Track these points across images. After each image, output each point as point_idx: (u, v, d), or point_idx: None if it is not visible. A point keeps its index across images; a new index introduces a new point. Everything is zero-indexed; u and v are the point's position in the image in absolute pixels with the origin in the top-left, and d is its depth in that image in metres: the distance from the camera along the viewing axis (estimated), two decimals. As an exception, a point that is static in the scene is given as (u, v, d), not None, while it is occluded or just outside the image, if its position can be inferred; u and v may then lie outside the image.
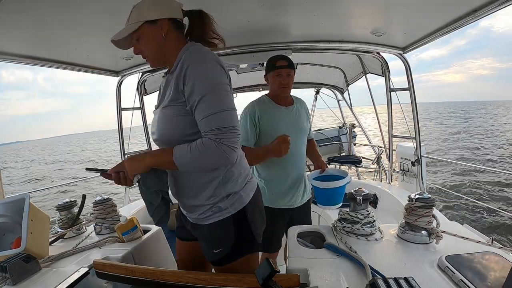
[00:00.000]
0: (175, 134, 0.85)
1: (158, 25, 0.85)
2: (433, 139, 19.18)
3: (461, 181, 8.67)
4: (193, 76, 0.79)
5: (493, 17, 58.32)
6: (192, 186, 0.91)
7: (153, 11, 0.84)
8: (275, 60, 1.46)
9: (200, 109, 0.78)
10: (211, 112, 0.77)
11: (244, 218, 0.91)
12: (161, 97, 0.92)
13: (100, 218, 1.25)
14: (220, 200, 0.89)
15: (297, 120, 1.52)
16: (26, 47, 1.40)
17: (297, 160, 1.50)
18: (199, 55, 0.84)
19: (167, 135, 0.87)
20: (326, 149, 4.69)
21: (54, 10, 1.06)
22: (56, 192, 10.28)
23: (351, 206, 1.05)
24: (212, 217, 0.90)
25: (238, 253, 0.92)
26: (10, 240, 1.06)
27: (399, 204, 1.82)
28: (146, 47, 0.88)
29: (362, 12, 1.40)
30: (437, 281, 0.73)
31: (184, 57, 0.83)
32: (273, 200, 1.51)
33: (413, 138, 2.05)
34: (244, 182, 0.94)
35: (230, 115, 0.80)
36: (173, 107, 0.85)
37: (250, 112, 1.44)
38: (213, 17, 0.92)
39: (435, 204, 0.97)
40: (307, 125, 1.58)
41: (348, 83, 3.26)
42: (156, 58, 0.91)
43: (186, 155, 0.80)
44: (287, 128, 1.46)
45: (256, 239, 0.95)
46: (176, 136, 0.85)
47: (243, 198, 0.92)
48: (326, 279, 0.75)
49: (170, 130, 0.86)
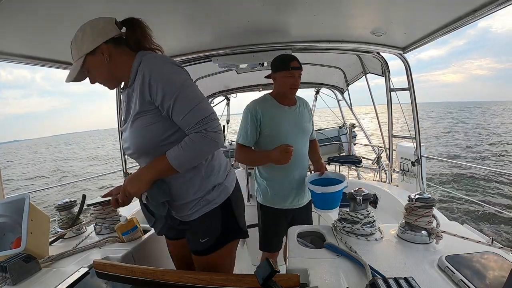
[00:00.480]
0: (150, 143, 0.88)
1: (98, 52, 0.86)
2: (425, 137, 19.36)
3: (461, 181, 8.67)
4: (160, 82, 0.82)
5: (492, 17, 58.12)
6: (177, 187, 0.94)
7: (88, 43, 0.85)
8: (288, 60, 1.42)
9: (177, 110, 0.82)
10: (188, 109, 0.82)
11: (229, 207, 0.99)
12: (126, 113, 0.94)
13: (100, 218, 1.25)
14: (207, 193, 0.95)
15: (300, 120, 1.50)
16: (26, 47, 1.40)
17: (299, 161, 1.48)
18: (155, 62, 0.85)
19: (143, 145, 0.89)
20: (326, 149, 4.70)
21: (54, 10, 1.06)
22: (56, 193, 10.29)
23: (351, 206, 1.05)
24: (200, 210, 0.95)
25: (223, 242, 0.99)
26: (10, 240, 1.06)
27: (399, 204, 1.81)
28: (97, 76, 0.90)
29: (362, 12, 1.40)
30: (437, 281, 0.73)
31: (142, 68, 0.84)
32: (276, 201, 1.51)
33: (413, 138, 2.04)
34: (225, 173, 1.01)
35: (204, 105, 0.85)
36: (142, 118, 0.86)
37: (251, 111, 1.43)
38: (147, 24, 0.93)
39: (435, 204, 0.98)
40: (310, 126, 1.57)
41: (348, 83, 3.26)
42: (110, 81, 0.93)
43: (181, 155, 0.84)
44: (289, 128, 1.45)
45: (240, 226, 1.03)
46: (151, 145, 0.88)
47: (227, 188, 0.99)
48: (326, 279, 0.75)
49: (144, 140, 0.88)
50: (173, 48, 1.74)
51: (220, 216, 0.97)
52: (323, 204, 1.41)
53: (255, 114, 1.42)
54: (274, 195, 1.50)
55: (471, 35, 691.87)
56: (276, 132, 1.42)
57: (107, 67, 0.88)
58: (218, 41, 1.70)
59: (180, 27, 1.43)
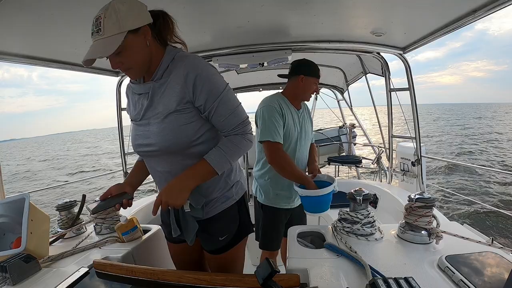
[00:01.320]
0: (182, 142, 0.86)
1: (141, 33, 0.79)
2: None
3: (461, 181, 8.67)
4: (206, 84, 0.83)
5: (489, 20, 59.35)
6: (205, 187, 0.95)
7: (135, 19, 0.77)
8: (318, 69, 1.50)
9: (219, 112, 0.85)
10: (230, 112, 0.86)
11: (244, 202, 1.05)
12: (146, 107, 0.88)
13: (100, 218, 1.25)
14: (228, 190, 0.99)
15: (304, 124, 1.54)
16: (26, 47, 1.40)
17: (301, 164, 1.52)
18: (200, 63, 0.84)
19: (174, 144, 0.85)
20: (326, 149, 4.69)
21: (54, 10, 1.06)
22: (57, 194, 10.29)
23: (351, 206, 1.05)
24: (220, 206, 0.98)
25: (239, 237, 1.03)
26: (10, 240, 1.06)
27: (399, 204, 1.81)
28: (131, 59, 0.80)
29: (362, 12, 1.40)
30: (437, 281, 0.73)
31: (185, 67, 0.82)
32: (277, 201, 1.52)
33: (413, 138, 2.04)
34: (240, 171, 1.07)
35: (242, 109, 0.90)
36: (177, 116, 0.84)
37: (276, 106, 1.41)
38: (175, 20, 0.91)
39: (435, 204, 0.98)
40: (311, 130, 1.61)
41: (348, 83, 3.26)
42: (141, 70, 0.85)
43: (224, 158, 0.87)
44: (298, 132, 1.48)
45: (251, 220, 1.09)
46: (182, 144, 0.86)
47: (243, 185, 1.06)
48: (326, 279, 0.75)
49: (177, 139, 0.85)
50: (173, 48, 1.74)
51: (237, 211, 1.01)
52: (311, 207, 1.39)
53: (280, 111, 1.41)
54: (275, 195, 1.51)
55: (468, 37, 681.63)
56: (287, 132, 1.42)
57: (145, 52, 0.82)
58: (218, 41, 1.70)
59: (180, 27, 1.42)
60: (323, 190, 1.30)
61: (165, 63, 0.84)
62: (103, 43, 0.75)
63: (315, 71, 1.48)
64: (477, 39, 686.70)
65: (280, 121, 1.39)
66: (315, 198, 1.33)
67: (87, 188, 10.13)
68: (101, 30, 0.74)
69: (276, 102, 1.42)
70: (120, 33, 0.75)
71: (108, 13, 0.73)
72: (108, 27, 0.74)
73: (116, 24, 0.74)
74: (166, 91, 0.84)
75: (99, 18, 0.74)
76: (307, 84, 1.46)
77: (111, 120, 2.32)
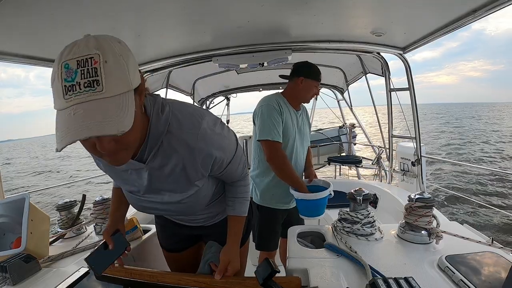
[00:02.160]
0: (203, 203, 0.85)
1: (138, 92, 0.55)
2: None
3: (461, 181, 8.67)
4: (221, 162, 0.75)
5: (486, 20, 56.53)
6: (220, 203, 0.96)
7: (135, 69, 0.53)
8: (320, 72, 1.50)
9: (229, 170, 0.82)
10: (236, 168, 0.84)
11: (250, 205, 1.01)
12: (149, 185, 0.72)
13: (100, 218, 1.25)
14: None
15: (302, 126, 1.53)
16: (26, 47, 1.40)
17: (297, 165, 1.51)
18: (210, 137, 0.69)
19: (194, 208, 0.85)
20: (326, 149, 4.69)
21: (54, 10, 1.06)
22: (56, 194, 10.29)
23: (351, 206, 1.05)
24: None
25: (245, 239, 1.05)
26: (10, 240, 1.06)
27: (399, 204, 1.81)
28: (130, 134, 0.51)
29: (362, 12, 1.40)
30: (437, 281, 0.73)
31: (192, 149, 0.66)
32: (273, 201, 1.52)
33: (413, 138, 2.04)
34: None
35: (241, 151, 0.85)
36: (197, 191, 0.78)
37: (275, 105, 1.40)
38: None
39: (435, 204, 0.98)
40: (309, 132, 1.60)
41: (348, 83, 3.26)
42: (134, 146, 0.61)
43: (245, 204, 0.92)
44: (296, 133, 1.47)
45: (252, 222, 1.13)
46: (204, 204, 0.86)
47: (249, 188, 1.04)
48: (326, 279, 0.75)
49: (198, 204, 0.83)
50: (173, 48, 1.74)
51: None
52: (306, 211, 1.40)
53: (278, 110, 1.40)
54: (272, 196, 1.51)
55: (464, 37, 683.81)
56: (285, 133, 1.42)
57: (141, 120, 0.60)
58: (218, 41, 1.70)
59: (180, 27, 1.43)
60: (319, 194, 1.31)
61: (155, 139, 0.64)
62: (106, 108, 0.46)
63: (316, 74, 1.49)
64: (474, 39, 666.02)
65: (279, 120, 1.39)
66: (310, 201, 1.33)
67: (87, 188, 10.14)
68: (99, 83, 0.46)
69: (275, 101, 1.42)
70: (129, 91, 0.50)
71: (106, 55, 0.47)
72: (111, 80, 0.47)
73: (124, 77, 0.49)
74: (172, 176, 0.71)
75: (89, 62, 0.45)
76: (306, 86, 1.46)
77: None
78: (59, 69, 0.46)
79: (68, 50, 0.47)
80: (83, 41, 0.48)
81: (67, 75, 0.45)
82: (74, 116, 0.45)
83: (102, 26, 1.26)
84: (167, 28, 1.40)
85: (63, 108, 0.46)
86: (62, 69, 0.46)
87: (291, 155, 1.48)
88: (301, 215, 1.42)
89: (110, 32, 0.89)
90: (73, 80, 0.45)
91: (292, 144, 1.47)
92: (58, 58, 0.47)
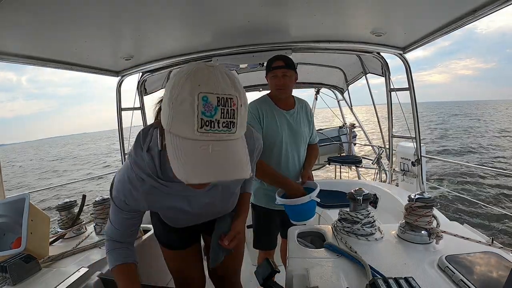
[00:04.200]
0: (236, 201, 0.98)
1: None
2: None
3: (461, 181, 8.67)
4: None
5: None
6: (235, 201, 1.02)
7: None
8: (272, 61, 1.41)
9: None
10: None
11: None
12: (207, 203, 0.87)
13: (100, 218, 1.25)
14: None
15: (296, 125, 1.46)
16: (26, 47, 1.40)
17: (291, 166, 1.46)
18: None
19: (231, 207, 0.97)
20: (326, 149, 4.69)
21: (54, 10, 1.06)
22: (55, 195, 10.28)
23: (351, 206, 1.05)
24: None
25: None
26: (10, 240, 1.06)
27: (399, 204, 1.81)
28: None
29: (362, 12, 1.40)
30: (437, 281, 0.73)
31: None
32: (267, 201, 1.51)
33: (413, 138, 2.05)
34: None
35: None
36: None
37: (253, 111, 1.39)
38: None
39: (435, 204, 0.97)
40: (307, 131, 1.51)
41: (348, 83, 3.26)
42: None
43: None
44: (284, 133, 1.41)
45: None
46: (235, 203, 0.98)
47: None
48: (326, 279, 0.75)
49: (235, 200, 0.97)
50: (173, 48, 1.74)
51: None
52: (295, 216, 1.34)
53: (257, 115, 1.39)
54: (265, 196, 1.50)
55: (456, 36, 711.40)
56: (271, 134, 1.39)
57: None
58: (218, 41, 1.70)
59: (180, 27, 1.43)
60: (301, 199, 1.26)
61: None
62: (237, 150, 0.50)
63: (267, 66, 1.43)
64: (465, 37, 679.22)
65: (257, 125, 1.38)
66: (297, 206, 1.28)
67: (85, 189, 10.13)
68: (234, 125, 0.48)
69: (254, 106, 1.41)
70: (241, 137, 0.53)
71: (242, 99, 0.50)
72: (241, 123, 0.50)
73: (245, 121, 0.52)
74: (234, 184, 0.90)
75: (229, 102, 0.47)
76: (269, 82, 1.44)
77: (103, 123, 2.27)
78: (196, 99, 0.45)
79: (204, 79, 0.47)
80: (219, 75, 0.48)
81: (205, 109, 0.46)
82: (213, 154, 0.47)
83: (103, 26, 1.26)
84: (167, 28, 1.40)
85: (196, 139, 0.47)
86: (200, 101, 0.45)
87: (279, 157, 1.43)
88: (291, 220, 1.35)
89: (110, 32, 0.89)
90: (212, 117, 0.46)
91: (279, 146, 1.41)
92: (191, 84, 0.47)
